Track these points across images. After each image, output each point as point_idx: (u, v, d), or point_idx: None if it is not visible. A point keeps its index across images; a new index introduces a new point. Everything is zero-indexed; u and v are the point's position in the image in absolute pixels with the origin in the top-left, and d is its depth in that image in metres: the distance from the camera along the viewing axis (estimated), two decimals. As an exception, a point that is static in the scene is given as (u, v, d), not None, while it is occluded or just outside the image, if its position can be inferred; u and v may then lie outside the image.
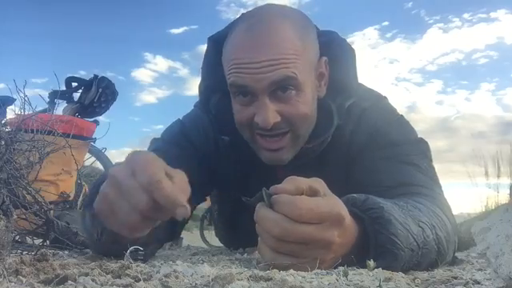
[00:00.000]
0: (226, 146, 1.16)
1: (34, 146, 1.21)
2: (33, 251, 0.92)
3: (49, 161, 1.29)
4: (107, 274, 0.60)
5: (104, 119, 2.54)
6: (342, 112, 1.09)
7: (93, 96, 2.49)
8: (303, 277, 0.64)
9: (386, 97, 1.23)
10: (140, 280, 0.56)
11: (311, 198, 0.73)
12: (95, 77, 2.53)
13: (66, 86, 2.57)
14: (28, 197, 1.07)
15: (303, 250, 0.72)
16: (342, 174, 1.12)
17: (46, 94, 2.24)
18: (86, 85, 2.54)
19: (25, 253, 0.96)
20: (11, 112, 1.46)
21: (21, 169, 1.09)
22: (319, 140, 1.09)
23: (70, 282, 0.54)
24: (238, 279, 0.57)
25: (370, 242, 0.78)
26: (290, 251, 0.72)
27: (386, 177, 1.06)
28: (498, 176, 5.00)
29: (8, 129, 1.23)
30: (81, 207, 2.14)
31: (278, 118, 1.00)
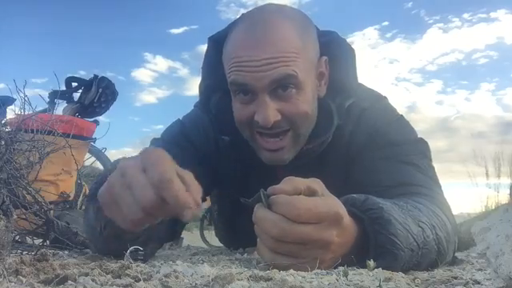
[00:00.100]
0: (226, 145, 1.16)
1: (34, 146, 1.21)
2: (33, 251, 0.92)
3: (49, 161, 1.29)
4: (107, 273, 0.60)
5: (104, 119, 2.54)
6: (341, 112, 1.09)
7: (93, 96, 2.49)
8: (303, 277, 0.64)
9: (385, 97, 1.23)
10: (140, 280, 0.56)
11: (309, 198, 0.73)
12: (95, 77, 2.54)
13: (66, 86, 2.57)
14: (28, 197, 1.07)
15: (302, 250, 0.72)
16: (342, 174, 1.12)
17: (46, 94, 2.24)
18: (85, 85, 2.54)
19: (25, 253, 0.96)
20: (11, 112, 1.46)
21: (21, 169, 1.09)
22: (319, 140, 1.09)
23: (69, 281, 0.54)
24: (238, 279, 0.57)
25: (370, 243, 0.78)
26: (288, 251, 0.72)
27: (386, 177, 1.06)
28: (498, 176, 5.01)
29: (8, 129, 1.23)
30: (81, 207, 2.14)
31: (278, 117, 1.00)
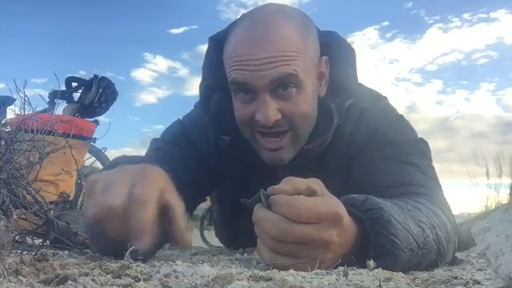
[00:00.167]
0: (226, 145, 1.16)
1: (34, 146, 1.21)
2: (33, 251, 0.92)
3: (49, 161, 1.28)
4: (107, 274, 0.60)
5: (104, 119, 2.55)
6: (341, 112, 1.09)
7: (93, 96, 2.49)
8: (303, 277, 0.64)
9: (385, 97, 1.23)
10: (140, 280, 0.56)
11: (309, 198, 0.73)
12: (95, 77, 2.54)
13: (66, 86, 2.57)
14: (28, 197, 1.07)
15: (302, 250, 0.72)
16: (342, 175, 1.12)
17: (46, 94, 2.24)
18: (86, 85, 2.54)
19: (25, 253, 0.96)
20: (11, 112, 1.46)
21: (21, 169, 1.09)
22: (319, 140, 1.09)
23: (70, 281, 0.54)
24: (238, 279, 0.57)
25: (370, 243, 0.78)
26: (288, 251, 0.72)
27: (386, 177, 1.06)
28: (498, 176, 5.01)
29: (8, 129, 1.23)
30: (81, 207, 2.14)
31: (278, 116, 1.00)
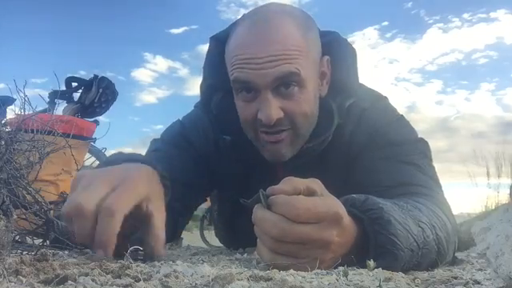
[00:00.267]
0: (226, 146, 1.16)
1: (34, 146, 1.21)
2: (33, 251, 0.92)
3: (49, 161, 1.28)
4: (107, 274, 0.60)
5: (104, 119, 2.55)
6: (342, 111, 1.09)
7: (93, 96, 2.49)
8: (303, 277, 0.64)
9: (386, 97, 1.23)
10: (140, 280, 0.56)
11: (308, 198, 0.73)
12: (95, 77, 2.54)
13: (66, 86, 2.58)
14: (28, 197, 1.07)
15: (302, 250, 0.72)
16: (343, 174, 1.12)
17: (46, 94, 2.25)
18: (86, 85, 2.55)
19: (25, 253, 0.96)
20: (11, 112, 1.46)
21: (21, 169, 1.09)
22: (320, 139, 1.09)
23: (70, 281, 0.54)
24: (238, 279, 0.56)
25: (370, 243, 0.78)
26: (288, 252, 0.72)
27: (386, 177, 1.06)
28: (498, 176, 5.01)
29: (8, 129, 1.23)
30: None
31: (280, 114, 1.00)
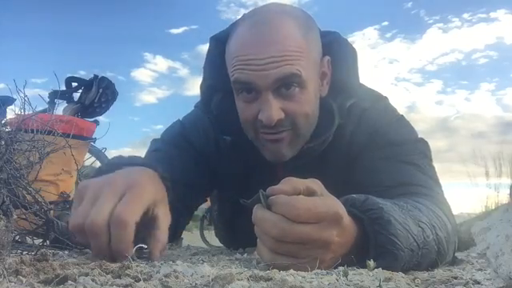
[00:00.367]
0: (227, 146, 1.16)
1: (34, 146, 1.21)
2: (33, 251, 0.92)
3: (49, 161, 1.28)
4: (107, 274, 0.60)
5: (104, 119, 2.55)
6: (342, 112, 1.09)
7: (93, 96, 2.49)
8: (303, 277, 0.64)
9: (386, 97, 1.23)
10: (140, 280, 0.56)
11: (308, 198, 0.73)
12: (95, 77, 2.54)
13: (66, 86, 2.57)
14: (28, 197, 1.07)
15: (302, 250, 0.72)
16: (343, 175, 1.12)
17: (46, 94, 2.25)
18: (86, 85, 2.54)
19: (25, 253, 0.96)
20: (11, 112, 1.46)
21: (21, 169, 1.09)
22: (320, 139, 1.09)
23: (70, 281, 0.54)
24: (238, 279, 0.56)
25: (370, 243, 0.78)
26: (288, 252, 0.72)
27: (386, 177, 1.06)
28: (498, 176, 5.01)
29: (8, 129, 1.23)
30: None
31: (281, 115, 1.00)
